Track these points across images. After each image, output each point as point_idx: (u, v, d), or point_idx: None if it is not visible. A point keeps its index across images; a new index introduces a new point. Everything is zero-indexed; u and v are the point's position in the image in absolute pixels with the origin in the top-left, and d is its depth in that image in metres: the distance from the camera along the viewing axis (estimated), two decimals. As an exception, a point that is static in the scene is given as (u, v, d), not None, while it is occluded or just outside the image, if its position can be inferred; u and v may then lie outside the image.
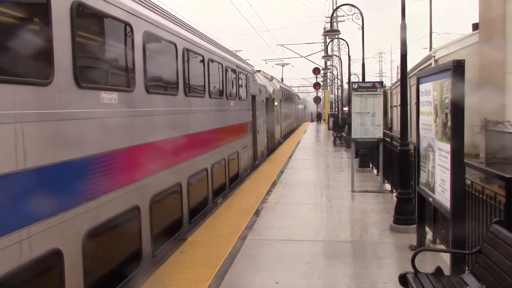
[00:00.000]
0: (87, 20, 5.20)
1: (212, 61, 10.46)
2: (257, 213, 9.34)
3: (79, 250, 4.61)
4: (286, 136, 32.68)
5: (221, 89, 11.46)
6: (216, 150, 10.79)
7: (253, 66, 18.12)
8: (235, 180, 12.93)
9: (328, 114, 44.20)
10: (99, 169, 5.14)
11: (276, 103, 24.53)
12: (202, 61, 9.69)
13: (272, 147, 22.48)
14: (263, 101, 18.96)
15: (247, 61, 18.48)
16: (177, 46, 7.93)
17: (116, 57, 6.10)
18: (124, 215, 5.67)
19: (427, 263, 5.62)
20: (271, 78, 26.24)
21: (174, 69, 7.88)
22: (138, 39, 6.27)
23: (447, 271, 4.90)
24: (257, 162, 17.04)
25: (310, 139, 32.03)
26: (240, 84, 13.82)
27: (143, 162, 6.43)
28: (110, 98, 5.39)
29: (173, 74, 7.89)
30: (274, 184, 12.66)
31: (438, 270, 4.40)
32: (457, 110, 4.98)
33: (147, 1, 7.06)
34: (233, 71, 12.85)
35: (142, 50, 6.39)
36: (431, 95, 5.85)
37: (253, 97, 16.29)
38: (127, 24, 6.00)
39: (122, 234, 5.73)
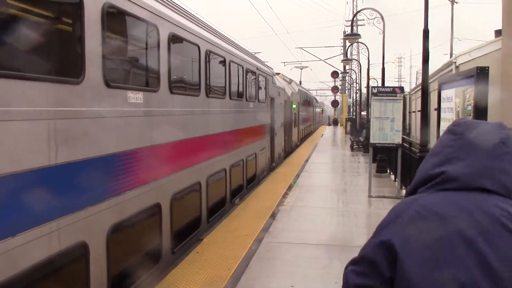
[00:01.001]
0: (116, 22, 5.33)
1: (233, 63, 10.62)
2: (273, 215, 9.34)
3: (104, 243, 4.78)
4: (303, 139, 32.75)
5: (241, 91, 11.64)
6: (235, 151, 10.97)
7: (272, 69, 18.23)
8: (252, 182, 13.07)
9: (346, 118, 44.02)
10: (124, 166, 5.30)
11: (294, 106, 24.56)
12: (224, 62, 9.87)
13: (289, 150, 22.56)
14: (281, 103, 19.10)
15: (265, 63, 18.46)
16: (200, 48, 8.09)
17: (142, 57, 6.31)
18: (146, 211, 5.80)
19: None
20: (290, 81, 26.35)
21: (197, 71, 8.07)
22: (163, 40, 6.44)
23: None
24: (274, 164, 17.18)
25: (327, 142, 31.93)
26: (259, 86, 14.01)
27: (165, 160, 6.64)
28: (136, 97, 5.57)
29: (196, 76, 8.08)
30: (290, 187, 12.65)
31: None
32: (480, 117, 4.93)
33: (171, 3, 7.20)
34: (253, 73, 13.02)
35: (167, 51, 6.54)
36: (453, 101, 5.80)
37: (272, 100, 16.42)
38: (153, 26, 6.17)
39: (144, 230, 5.90)
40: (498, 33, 21.18)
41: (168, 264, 6.37)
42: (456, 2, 38.83)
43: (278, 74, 21.49)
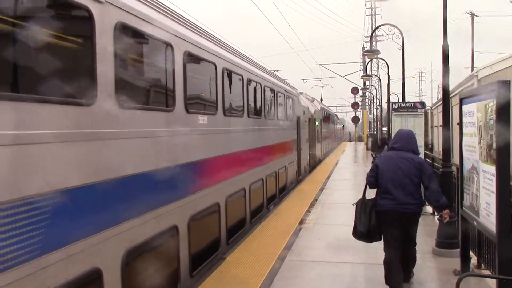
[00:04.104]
0: (191, 64, 6.80)
1: (268, 87, 12.41)
2: (295, 233, 9.30)
3: (186, 227, 6.41)
4: (326, 154, 33.51)
5: (274, 111, 13.32)
6: (269, 164, 12.45)
7: (297, 89, 19.33)
8: (283, 191, 14.53)
9: (367, 134, 43.76)
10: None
11: (317, 123, 25.75)
12: (261, 89, 11.62)
13: (313, 164, 23.68)
14: (305, 121, 20.37)
15: (286, 80, 18.78)
16: (243, 78, 9.85)
17: (206, 88, 7.95)
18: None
19: (472, 288, 5.46)
20: (312, 100, 27.49)
21: (241, 97, 9.77)
22: (220, 74, 8.10)
23: (493, 297, 4.76)
24: (301, 177, 18.41)
25: (349, 159, 31.73)
26: (288, 106, 15.63)
27: (234, 165, 8.85)
28: (204, 120, 7.23)
29: (241, 101, 9.74)
30: (312, 205, 12.58)
31: (484, 296, 4.33)
32: (502, 131, 4.87)
33: (244, 54, 10.58)
34: (283, 95, 14.74)
35: (222, 83, 8.19)
36: (475, 116, 5.74)
37: (298, 118, 17.83)
38: (212, 64, 7.80)
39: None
40: (520, 45, 21.00)
41: None
42: (476, 16, 38.61)
43: (301, 93, 22.37)
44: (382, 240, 6.28)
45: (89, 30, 4.25)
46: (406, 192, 5.92)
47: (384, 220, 6.09)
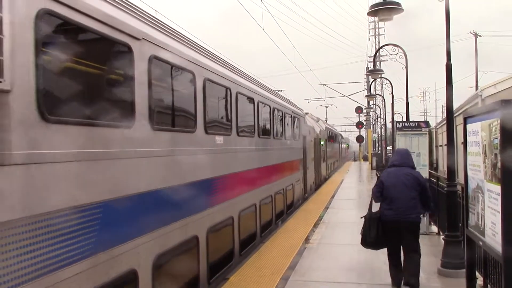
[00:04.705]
0: (209, 89, 7.35)
1: (276, 109, 13.13)
2: (299, 253, 9.22)
3: (205, 237, 7.02)
4: (331, 173, 34.14)
5: (281, 131, 13.94)
6: (278, 182, 13.07)
7: (303, 110, 19.96)
8: (291, 208, 15.14)
9: (371, 153, 43.67)
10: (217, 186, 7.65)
11: (322, 143, 26.54)
12: (270, 110, 12.25)
13: (319, 183, 24.35)
14: (311, 140, 21.04)
15: (290, 100, 18.96)
16: (254, 101, 10.57)
17: (221, 111, 8.52)
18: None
19: (479, 310, 5.38)
20: (317, 120, 28.57)
21: (252, 118, 10.48)
22: (234, 98, 8.80)
23: (500, 319, 4.68)
24: (307, 195, 19.06)
25: (353, 178, 31.62)
26: (295, 126, 16.33)
27: (241, 183, 9.21)
28: (220, 140, 7.85)
29: (252, 122, 10.42)
30: (316, 224, 12.51)
31: (491, 318, 4.25)
32: (507, 150, 4.85)
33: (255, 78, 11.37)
34: (290, 116, 15.42)
35: (236, 106, 8.90)
36: (479, 135, 5.72)
37: (304, 137, 18.47)
38: (227, 88, 8.46)
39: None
40: (523, 65, 21.04)
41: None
42: (480, 36, 38.79)
43: (307, 113, 23.09)
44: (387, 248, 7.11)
45: (130, 63, 4.96)
46: (408, 203, 6.78)
47: (389, 228, 6.89)
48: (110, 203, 4.41)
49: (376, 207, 7.10)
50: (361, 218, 7.31)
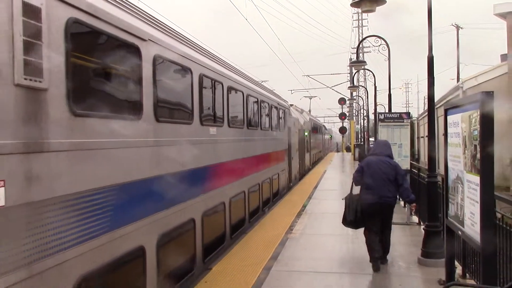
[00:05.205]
0: (203, 84, 7.87)
1: (265, 102, 13.82)
2: (282, 243, 9.28)
3: (200, 220, 7.56)
4: (314, 163, 34.90)
5: (267, 122, 14.45)
6: (265, 170, 13.66)
7: (287, 102, 20.36)
8: (276, 196, 15.78)
9: (354, 145, 43.94)
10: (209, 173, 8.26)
11: (306, 134, 27.26)
12: (257, 103, 12.87)
13: (303, 172, 24.98)
14: (296, 132, 21.62)
15: (273, 91, 19.03)
16: (243, 94, 11.08)
17: (215, 103, 8.88)
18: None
19: (457, 298, 5.47)
20: (302, 111, 29.11)
21: (242, 111, 11.03)
22: (226, 92, 9.36)
23: (478, 307, 4.78)
24: (291, 184, 19.70)
25: (336, 169, 31.82)
26: (280, 118, 16.86)
27: (230, 172, 9.67)
28: (213, 131, 8.43)
29: (241, 114, 10.99)
30: (299, 215, 12.58)
31: (469, 306, 4.33)
32: (486, 141, 4.92)
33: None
34: (276, 108, 15.97)
35: (227, 99, 9.45)
36: (460, 126, 5.79)
37: (289, 129, 19.06)
38: (220, 83, 9.01)
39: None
40: (504, 57, 21.27)
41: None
42: (461, 28, 39.13)
43: (292, 105, 23.44)
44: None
45: (138, 61, 5.52)
46: (385, 188, 7.53)
47: (367, 210, 7.67)
48: (124, 186, 5.01)
49: (356, 190, 7.91)
50: (342, 199, 8.20)
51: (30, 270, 3.56)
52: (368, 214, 7.67)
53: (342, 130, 55.28)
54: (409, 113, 13.56)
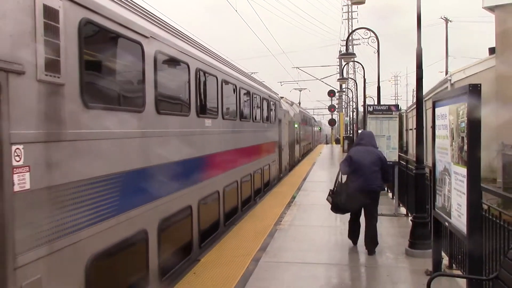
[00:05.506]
0: (199, 78, 8.25)
1: (256, 95, 14.26)
2: (271, 234, 9.31)
3: (197, 207, 7.99)
4: (304, 155, 35.32)
5: (259, 115, 14.90)
6: (257, 161, 14.26)
7: (278, 94, 20.76)
8: (267, 186, 16.28)
9: (343, 137, 44.10)
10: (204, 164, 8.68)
11: (296, 126, 27.74)
12: (249, 95, 13.24)
13: (292, 164, 25.56)
14: (286, 124, 22.09)
15: (263, 82, 19.08)
16: (237, 87, 11.50)
17: (209, 97, 9.22)
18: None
19: (443, 288, 5.54)
20: (292, 103, 29.53)
21: (235, 103, 11.53)
22: (220, 86, 9.75)
23: (463, 297, 4.83)
24: (282, 175, 20.20)
25: (325, 161, 31.90)
26: (271, 110, 17.33)
27: (226, 161, 10.23)
28: (209, 122, 8.83)
29: (234, 106, 11.49)
30: (288, 206, 12.63)
31: (455, 296, 4.37)
32: (473, 133, 4.96)
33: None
34: (267, 101, 16.41)
35: (222, 92, 9.86)
36: (447, 118, 5.83)
37: (280, 121, 19.51)
38: (214, 77, 9.40)
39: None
40: (491, 50, 21.41)
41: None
42: (450, 21, 39.30)
43: (282, 97, 23.75)
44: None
45: (141, 57, 5.85)
46: (371, 176, 7.99)
47: (355, 196, 8.02)
48: (129, 173, 5.39)
49: (343, 179, 8.41)
50: (330, 190, 8.66)
51: (51, 247, 3.92)
52: (355, 200, 8.05)
53: (332, 122, 55.42)
54: (398, 105, 13.61)
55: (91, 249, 4.54)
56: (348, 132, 50.68)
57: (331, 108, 49.70)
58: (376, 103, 18.87)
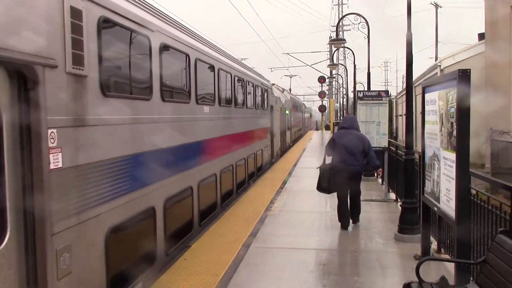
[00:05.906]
0: (198, 67, 8.67)
1: (250, 82, 14.82)
2: (261, 220, 9.34)
3: (197, 188, 8.52)
4: (295, 141, 36.07)
5: (252, 101, 15.50)
6: (250, 146, 14.72)
7: (270, 81, 21.24)
8: (260, 171, 16.89)
9: (333, 123, 44.14)
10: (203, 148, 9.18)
11: (287, 112, 28.53)
12: (243, 82, 13.74)
13: (284, 149, 26.26)
14: (278, 110, 22.81)
15: (253, 68, 19.16)
16: (232, 76, 12.02)
17: (207, 84, 9.76)
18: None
19: (432, 272, 5.61)
20: (283, 90, 30.12)
21: (230, 91, 12.01)
22: (216, 76, 10.22)
23: (451, 280, 4.89)
24: (273, 160, 20.93)
25: (315, 147, 31.95)
26: (263, 97, 17.95)
27: (223, 146, 10.83)
28: (207, 109, 9.37)
29: (230, 94, 11.90)
30: (279, 192, 12.66)
31: (443, 280, 4.38)
32: (462, 119, 4.98)
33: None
34: (260, 88, 16.98)
35: (218, 81, 10.40)
36: (437, 104, 5.85)
37: (271, 107, 20.20)
38: (211, 66, 9.90)
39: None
40: (481, 36, 21.45)
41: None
42: (440, 7, 39.28)
43: (273, 84, 24.16)
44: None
45: (148, 49, 6.41)
46: (353, 157, 8.53)
47: (338, 177, 8.57)
48: (139, 155, 5.92)
49: (328, 160, 8.81)
50: (316, 168, 9.19)
51: (78, 218, 4.46)
52: (339, 180, 8.59)
53: (322, 108, 55.37)
54: (388, 91, 13.64)
55: (110, 221, 5.11)
56: (339, 118, 50.70)
57: (321, 94, 49.58)
58: (366, 89, 18.89)
